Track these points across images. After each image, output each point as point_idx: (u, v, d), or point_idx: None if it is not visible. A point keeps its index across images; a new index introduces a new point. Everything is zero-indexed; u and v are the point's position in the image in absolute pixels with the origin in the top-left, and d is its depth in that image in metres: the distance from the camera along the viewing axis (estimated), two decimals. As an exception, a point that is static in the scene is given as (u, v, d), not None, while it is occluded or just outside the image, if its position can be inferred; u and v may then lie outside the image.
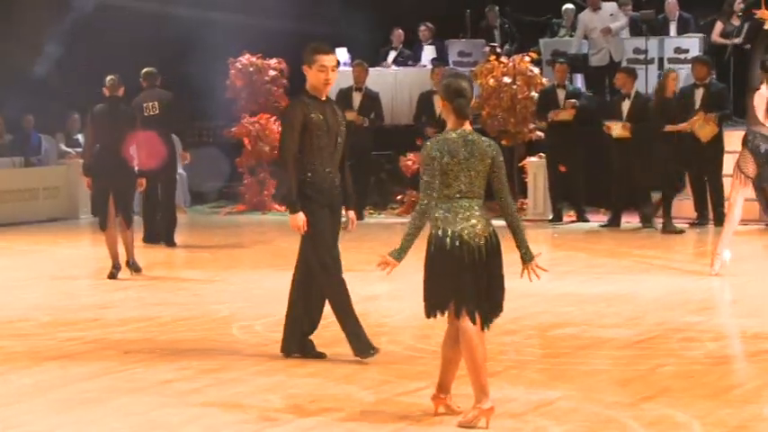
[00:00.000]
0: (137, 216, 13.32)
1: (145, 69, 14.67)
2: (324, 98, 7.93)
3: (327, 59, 7.85)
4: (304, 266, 7.93)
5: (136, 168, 12.13)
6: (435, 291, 6.33)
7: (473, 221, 6.27)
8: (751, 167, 11.24)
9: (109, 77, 12.36)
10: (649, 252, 13.76)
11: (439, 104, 15.49)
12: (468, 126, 6.37)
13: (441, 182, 6.27)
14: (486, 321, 6.33)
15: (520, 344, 8.51)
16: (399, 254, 6.33)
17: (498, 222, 6.38)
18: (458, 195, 6.29)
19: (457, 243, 6.22)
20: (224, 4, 18.82)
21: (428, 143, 6.37)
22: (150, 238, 14.46)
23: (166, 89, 14.72)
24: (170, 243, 14.43)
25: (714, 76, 16.79)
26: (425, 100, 17.39)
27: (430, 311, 6.39)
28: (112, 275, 11.81)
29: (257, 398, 7.00)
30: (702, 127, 15.80)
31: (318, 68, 7.82)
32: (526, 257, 6.41)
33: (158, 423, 6.51)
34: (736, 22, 18.71)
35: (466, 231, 6.24)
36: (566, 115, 16.68)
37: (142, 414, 6.68)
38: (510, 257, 6.42)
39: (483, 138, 6.41)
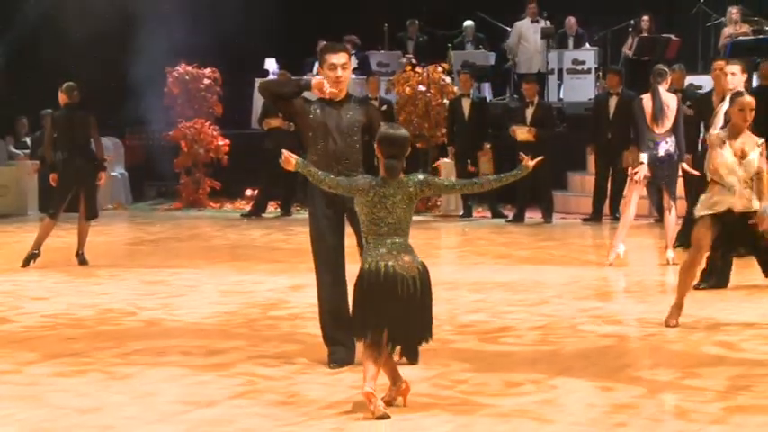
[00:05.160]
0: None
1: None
2: (339, 99, 7.16)
3: (336, 57, 7.11)
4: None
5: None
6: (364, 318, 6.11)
7: (405, 255, 6.10)
8: (647, 170, 11.51)
9: (66, 84, 12.29)
10: (550, 244, 13.88)
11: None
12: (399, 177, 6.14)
13: (369, 220, 6.13)
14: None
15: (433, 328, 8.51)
16: (303, 165, 6.29)
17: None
18: (388, 232, 6.11)
19: (390, 273, 6.04)
20: (164, 18, 18.66)
21: (369, 180, 6.15)
22: None
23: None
24: None
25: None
26: None
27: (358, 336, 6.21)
28: (29, 260, 11.90)
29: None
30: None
31: (328, 67, 7.15)
32: (523, 170, 6.30)
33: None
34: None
35: (399, 264, 6.06)
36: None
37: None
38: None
39: (411, 180, 6.15)
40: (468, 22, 20.80)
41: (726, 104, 9.89)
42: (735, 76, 9.92)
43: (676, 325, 8.52)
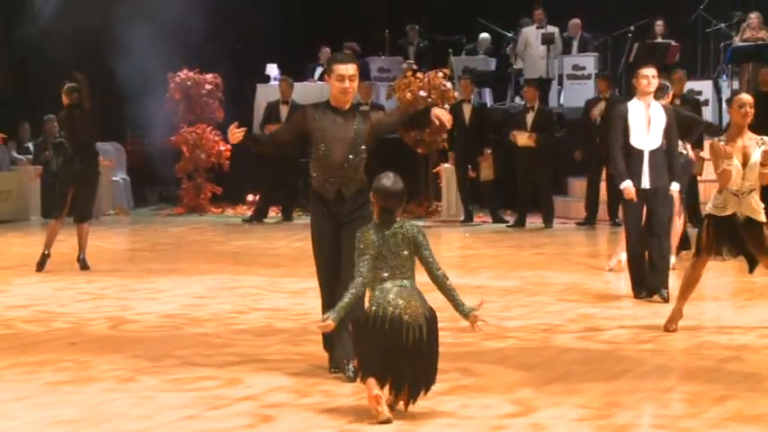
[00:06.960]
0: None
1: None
2: (346, 108, 7.13)
3: (344, 69, 7.05)
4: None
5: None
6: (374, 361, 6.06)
7: (412, 301, 6.09)
8: None
9: (67, 86, 12.25)
10: (551, 249, 13.88)
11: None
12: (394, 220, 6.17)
13: (376, 266, 6.11)
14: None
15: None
16: (336, 317, 6.06)
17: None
18: (392, 276, 6.10)
19: (396, 320, 6.01)
20: (166, 23, 18.71)
21: (369, 229, 6.15)
22: None
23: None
24: None
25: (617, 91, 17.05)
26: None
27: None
28: (43, 263, 11.88)
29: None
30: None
31: (336, 78, 7.08)
32: (469, 317, 6.24)
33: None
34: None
35: (407, 311, 6.04)
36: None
37: None
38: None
39: (407, 224, 6.19)
40: (484, 35, 20.90)
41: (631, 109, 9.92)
42: (654, 78, 10.00)
43: (676, 330, 8.53)
